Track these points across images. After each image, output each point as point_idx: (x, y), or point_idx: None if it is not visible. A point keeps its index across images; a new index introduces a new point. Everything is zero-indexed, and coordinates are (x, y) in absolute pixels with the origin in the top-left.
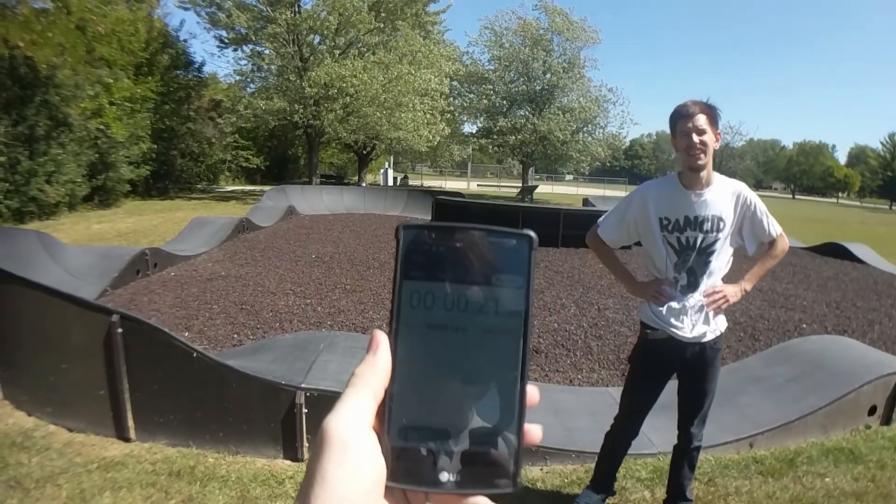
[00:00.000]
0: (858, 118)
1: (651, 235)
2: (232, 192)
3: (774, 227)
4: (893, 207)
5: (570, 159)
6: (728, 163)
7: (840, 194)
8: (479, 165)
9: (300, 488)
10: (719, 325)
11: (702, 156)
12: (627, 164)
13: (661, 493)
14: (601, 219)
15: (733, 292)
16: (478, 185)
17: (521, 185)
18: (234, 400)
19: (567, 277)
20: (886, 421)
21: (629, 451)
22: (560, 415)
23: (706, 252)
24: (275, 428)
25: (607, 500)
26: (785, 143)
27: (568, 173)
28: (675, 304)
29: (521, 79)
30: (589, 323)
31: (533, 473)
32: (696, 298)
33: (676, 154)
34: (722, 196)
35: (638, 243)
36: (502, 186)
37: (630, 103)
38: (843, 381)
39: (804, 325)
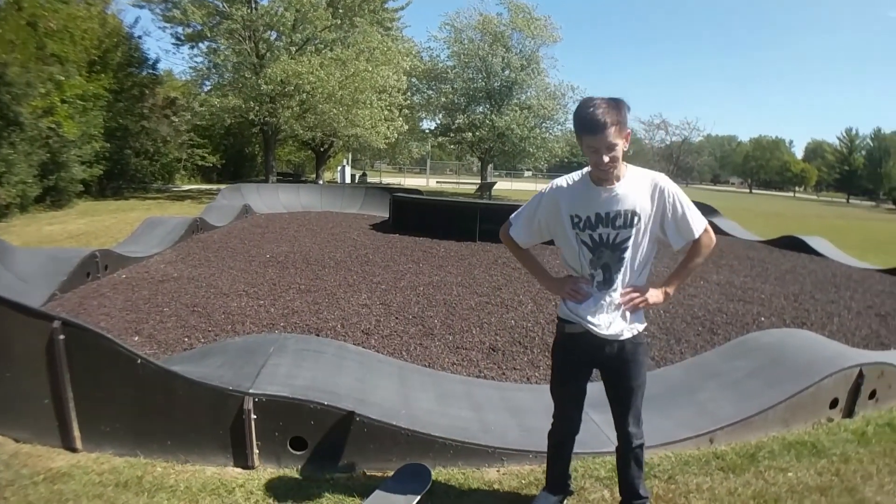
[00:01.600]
0: (815, 114)
1: (563, 234)
2: (187, 191)
3: (698, 222)
4: (850, 201)
5: (528, 156)
6: (685, 158)
7: (797, 188)
8: (438, 162)
9: None
10: (637, 323)
11: (608, 172)
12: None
13: None
14: (512, 216)
15: (654, 294)
16: (437, 182)
17: (479, 181)
18: (181, 407)
19: (524, 274)
20: (849, 414)
21: (588, 450)
22: (518, 414)
23: (619, 248)
24: (224, 435)
25: (566, 501)
26: (742, 139)
27: (527, 170)
28: (591, 301)
29: (480, 75)
30: (546, 319)
31: (490, 475)
32: (612, 295)
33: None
34: (636, 189)
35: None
36: (461, 183)
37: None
38: (803, 375)
39: (763, 319)
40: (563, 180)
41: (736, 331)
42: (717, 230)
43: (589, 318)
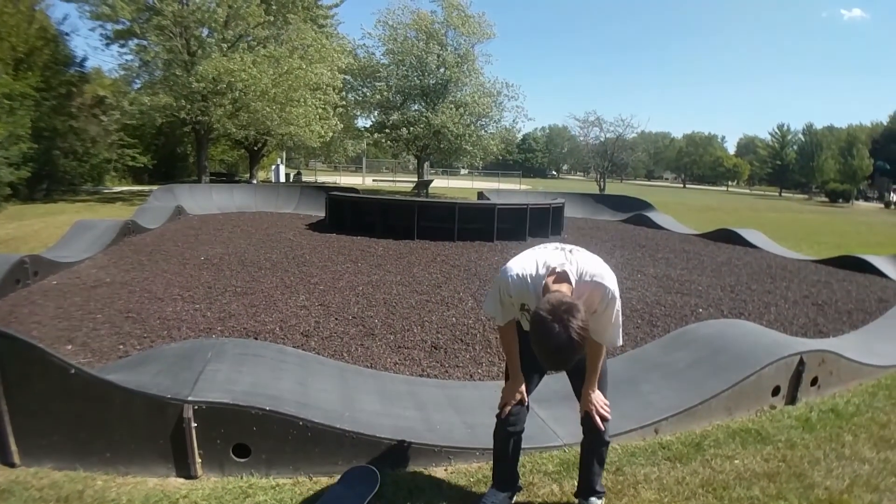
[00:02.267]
0: (748, 111)
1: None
2: (118, 193)
3: (616, 340)
4: (783, 194)
5: (464, 153)
6: (620, 154)
7: (730, 183)
8: (373, 160)
9: None
10: None
11: None
12: (521, 158)
13: (569, 486)
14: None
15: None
16: (373, 181)
17: (416, 179)
18: (118, 417)
19: (464, 271)
20: (791, 401)
21: (535, 445)
22: (462, 412)
23: None
24: (164, 445)
25: (515, 497)
26: (676, 135)
27: (463, 167)
28: None
29: (416, 73)
30: (487, 316)
31: (438, 474)
32: None
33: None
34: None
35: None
36: (398, 181)
37: (525, 98)
38: (744, 364)
39: (701, 310)
40: (514, 282)
41: (675, 322)
42: (651, 224)
43: None
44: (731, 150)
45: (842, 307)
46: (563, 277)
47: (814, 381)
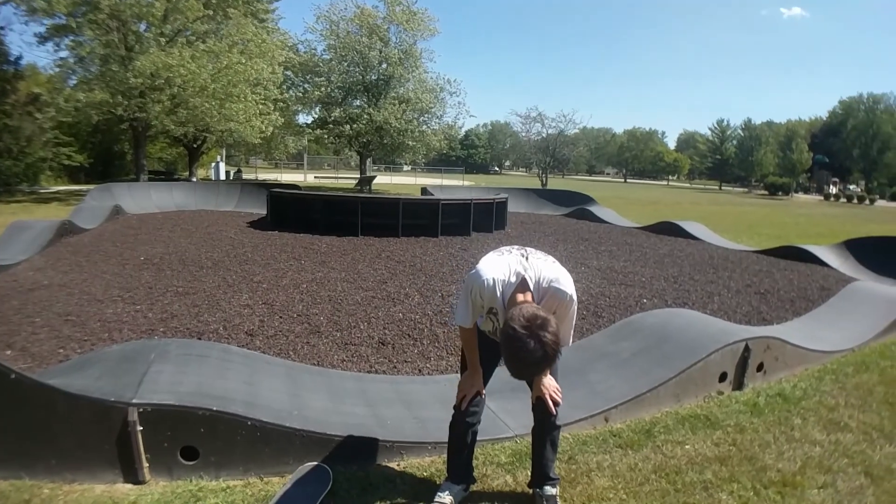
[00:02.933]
0: (687, 107)
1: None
2: (55, 192)
3: (570, 338)
4: (723, 188)
5: (406, 149)
6: (562, 149)
7: (670, 177)
8: (315, 157)
9: None
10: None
11: None
12: (463, 154)
13: (522, 476)
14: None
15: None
16: (315, 177)
17: (359, 176)
18: (62, 423)
19: (409, 266)
20: (738, 386)
21: (487, 437)
22: (412, 406)
23: None
24: (110, 450)
25: (469, 489)
26: (617, 131)
27: (405, 163)
28: None
29: (358, 69)
30: (434, 310)
31: (390, 470)
32: None
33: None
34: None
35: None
36: (340, 178)
37: (467, 95)
38: (690, 351)
39: (645, 301)
40: (488, 287)
41: (620, 313)
42: (593, 218)
43: None
44: (672, 145)
45: (784, 296)
46: (524, 286)
47: (760, 367)
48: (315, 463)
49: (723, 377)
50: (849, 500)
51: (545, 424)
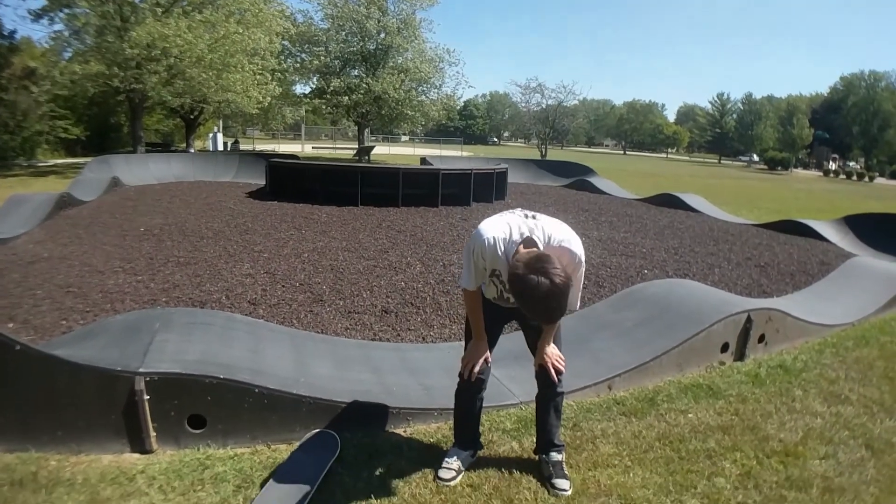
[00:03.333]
0: (687, 80)
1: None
2: (52, 166)
3: (575, 304)
4: (722, 162)
5: (405, 119)
6: (561, 120)
7: (669, 150)
8: (312, 127)
9: None
10: None
11: None
12: (462, 125)
13: (528, 442)
14: (462, 280)
15: (551, 352)
16: (312, 148)
17: (356, 146)
18: (67, 394)
19: (410, 236)
20: (740, 357)
21: (492, 404)
22: (417, 374)
23: None
24: (117, 420)
25: (476, 455)
26: (616, 103)
27: (403, 134)
28: None
29: (356, 38)
30: (436, 279)
31: (397, 437)
32: None
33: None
34: None
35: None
36: (338, 148)
37: (465, 65)
38: (692, 322)
39: (646, 271)
40: (490, 246)
41: (621, 283)
42: (593, 189)
43: None
44: (672, 117)
45: (784, 269)
46: (530, 243)
47: (761, 339)
48: (322, 429)
49: (725, 348)
50: (850, 471)
51: (548, 392)
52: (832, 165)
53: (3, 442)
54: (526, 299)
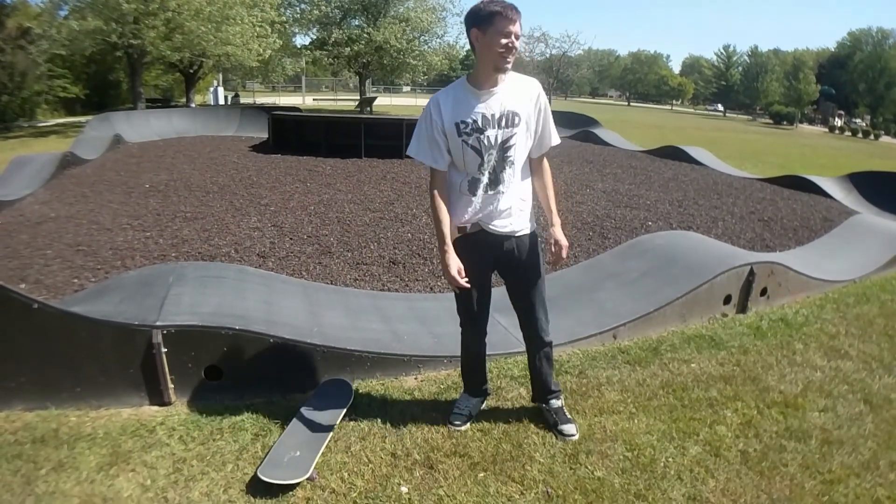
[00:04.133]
0: (693, 31)
1: (453, 143)
2: (52, 126)
3: (556, 135)
4: (727, 115)
5: (408, 68)
6: (565, 71)
7: (674, 102)
8: (313, 79)
9: None
10: (529, 221)
11: (510, 61)
12: (465, 74)
13: None
14: (410, 149)
15: (562, 239)
16: (313, 100)
17: (357, 97)
18: (85, 350)
19: (415, 188)
20: (742, 309)
21: (500, 351)
22: (426, 322)
23: (505, 148)
24: (135, 374)
25: (486, 401)
26: (621, 53)
27: (405, 84)
28: (482, 207)
29: None
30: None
31: (408, 383)
32: (500, 196)
33: (477, 52)
34: (516, 91)
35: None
36: (339, 100)
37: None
38: (696, 273)
39: (650, 223)
40: (441, 93)
41: (626, 235)
42: (598, 141)
43: (484, 221)
44: (677, 69)
45: (787, 224)
46: None
47: (763, 292)
48: (336, 377)
49: (727, 300)
50: (848, 424)
51: (535, 341)
52: (838, 122)
53: (23, 401)
54: (487, 3)
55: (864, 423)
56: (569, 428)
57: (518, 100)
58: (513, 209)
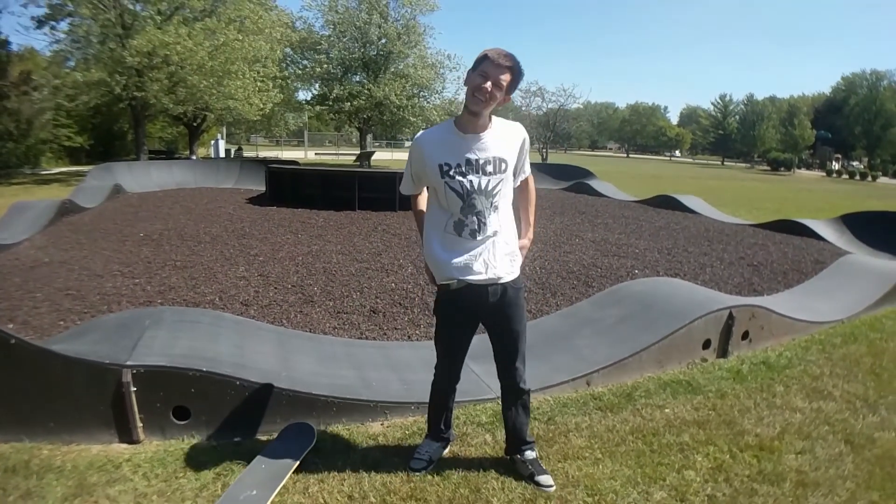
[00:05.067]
0: (690, 82)
1: (434, 182)
2: (56, 174)
3: (528, 166)
4: (725, 163)
5: (407, 124)
6: (562, 124)
7: (672, 152)
8: (316, 134)
9: None
10: (514, 267)
11: (482, 103)
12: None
13: (501, 435)
14: (401, 187)
15: (525, 246)
16: (315, 154)
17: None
18: (59, 386)
19: (404, 239)
20: (723, 354)
21: (469, 399)
22: (398, 369)
23: (491, 193)
24: (105, 411)
25: (449, 447)
26: (619, 105)
27: (406, 139)
28: (466, 254)
29: (357, 45)
30: (426, 280)
31: (374, 428)
32: (486, 243)
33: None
34: (503, 138)
35: None
36: (341, 154)
37: (465, 70)
38: (674, 318)
39: (637, 271)
40: (425, 133)
41: (610, 283)
42: (592, 192)
43: (466, 269)
44: (674, 120)
45: (777, 268)
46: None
47: (745, 336)
48: (300, 422)
49: (706, 344)
50: (826, 466)
51: (514, 390)
52: (835, 165)
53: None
54: (489, 54)
55: (843, 463)
56: (545, 479)
57: (508, 145)
58: (497, 254)
